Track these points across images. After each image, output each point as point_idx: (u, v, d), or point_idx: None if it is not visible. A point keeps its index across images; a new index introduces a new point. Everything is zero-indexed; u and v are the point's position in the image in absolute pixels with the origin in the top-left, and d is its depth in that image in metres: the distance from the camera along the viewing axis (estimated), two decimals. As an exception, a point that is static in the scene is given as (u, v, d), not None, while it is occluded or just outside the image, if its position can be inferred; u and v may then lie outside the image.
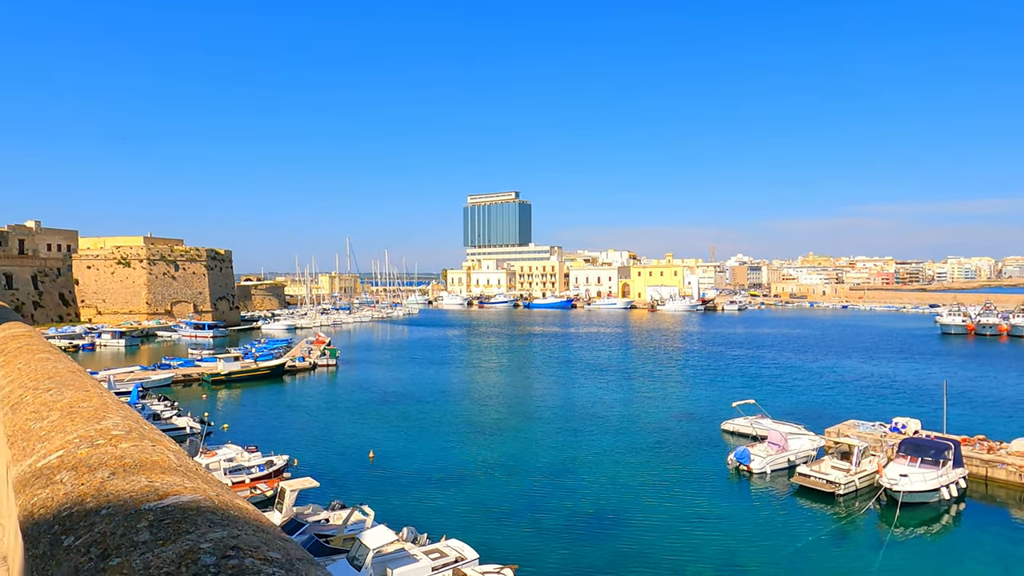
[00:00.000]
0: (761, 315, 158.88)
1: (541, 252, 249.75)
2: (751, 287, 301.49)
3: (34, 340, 6.89)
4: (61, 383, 3.84)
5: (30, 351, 5.70)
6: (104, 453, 2.28)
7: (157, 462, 2.17)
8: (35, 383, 3.96)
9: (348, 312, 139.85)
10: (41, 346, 6.10)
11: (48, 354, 5.30)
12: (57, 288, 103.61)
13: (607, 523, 28.91)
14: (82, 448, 2.38)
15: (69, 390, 3.59)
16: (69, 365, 4.80)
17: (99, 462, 2.18)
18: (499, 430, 44.32)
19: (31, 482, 2.24)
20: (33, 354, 5.33)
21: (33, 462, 2.42)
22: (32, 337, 7.19)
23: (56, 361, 4.79)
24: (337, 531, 23.66)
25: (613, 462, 37.43)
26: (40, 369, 4.38)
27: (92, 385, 3.86)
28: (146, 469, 2.08)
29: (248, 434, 41.73)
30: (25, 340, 6.75)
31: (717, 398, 53.07)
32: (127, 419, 2.89)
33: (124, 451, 2.28)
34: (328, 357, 71.92)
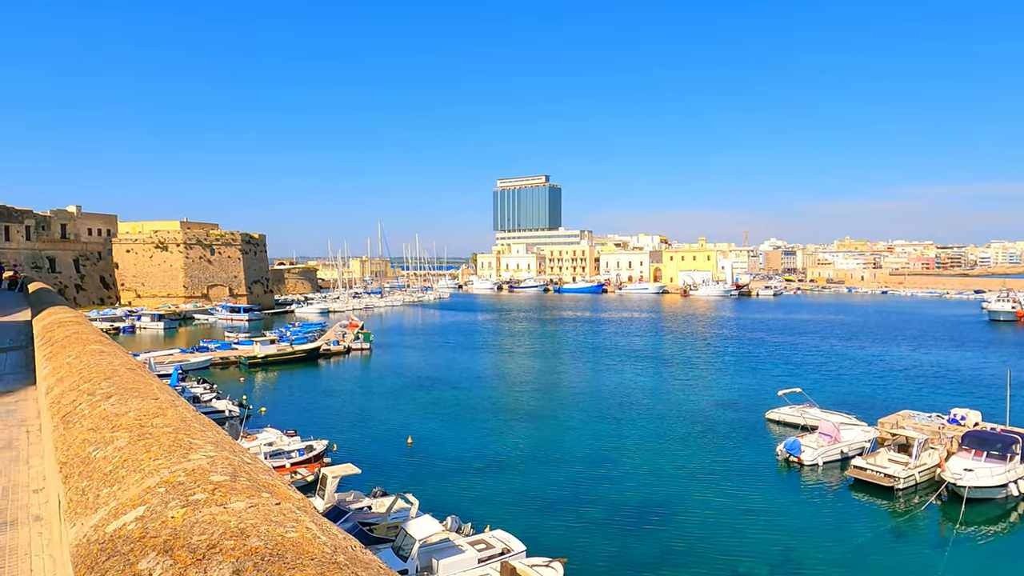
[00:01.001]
0: (798, 300, 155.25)
1: (571, 236, 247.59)
2: (785, 272, 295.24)
3: (83, 327, 6.21)
4: (122, 386, 3.09)
5: (79, 340, 5.00)
6: (210, 520, 1.46)
7: (298, 544, 1.34)
8: (90, 385, 3.22)
9: (380, 296, 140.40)
10: (91, 334, 5.40)
11: (100, 345, 4.59)
12: (98, 271, 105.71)
13: (653, 515, 28.02)
14: (173, 505, 1.57)
15: (134, 397, 2.83)
16: (126, 360, 4.07)
17: (207, 540, 1.36)
18: (536, 417, 43.63)
19: (99, 561, 1.43)
20: (84, 345, 4.63)
21: (101, 522, 1.62)
22: (80, 324, 6.51)
23: (111, 355, 4.06)
24: (380, 519, 23.19)
25: (656, 451, 36.47)
26: (94, 365, 3.66)
27: (160, 389, 3.10)
28: (286, 562, 1.25)
29: (285, 418, 41.72)
30: (73, 327, 6.07)
31: (760, 386, 51.57)
32: (221, 447, 2.09)
33: (240, 516, 1.47)
34: (362, 341, 71.98)
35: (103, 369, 3.53)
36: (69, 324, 6.34)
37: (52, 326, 6.61)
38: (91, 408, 2.73)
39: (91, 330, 5.84)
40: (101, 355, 4.05)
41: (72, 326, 6.13)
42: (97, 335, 5.41)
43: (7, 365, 10.21)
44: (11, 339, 13.93)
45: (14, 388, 7.90)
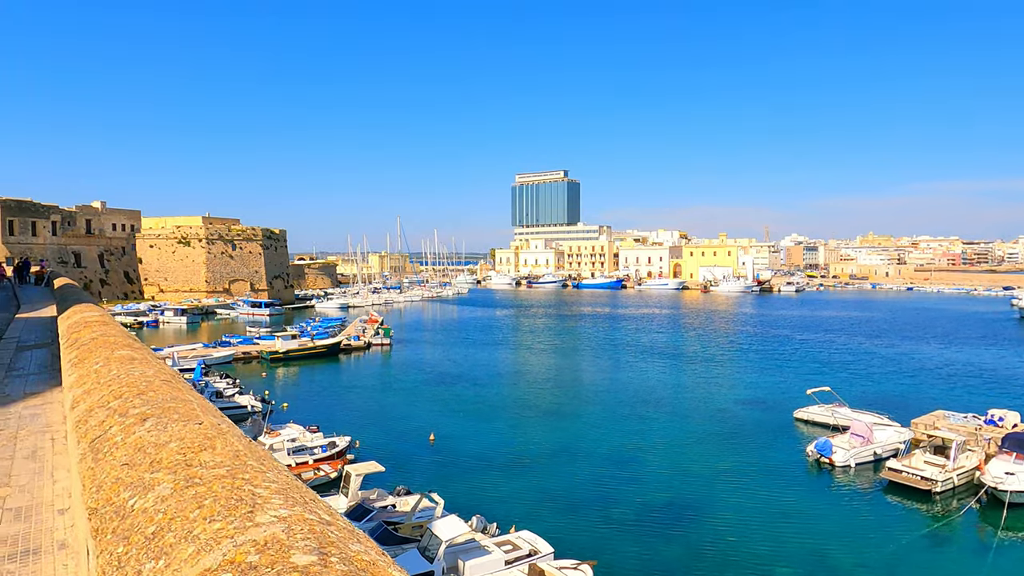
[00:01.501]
0: (821, 297, 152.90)
1: (590, 232, 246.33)
2: (807, 268, 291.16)
3: (110, 328, 5.83)
4: (159, 404, 2.67)
5: (107, 344, 4.61)
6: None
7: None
8: (122, 402, 2.80)
9: (399, 291, 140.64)
10: (120, 337, 5.01)
11: (131, 350, 4.19)
12: (122, 266, 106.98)
13: (681, 516, 27.43)
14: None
15: (174, 421, 2.39)
16: (159, 369, 3.66)
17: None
18: (559, 414, 43.14)
19: None
20: (112, 349, 4.23)
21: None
22: (107, 324, 6.13)
23: (142, 362, 3.64)
24: (405, 519, 22.88)
25: (681, 450, 35.81)
26: (125, 376, 3.25)
27: (202, 409, 2.67)
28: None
29: (307, 413, 41.66)
30: (100, 328, 5.69)
31: (786, 384, 50.59)
32: (291, 498, 1.63)
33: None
34: (382, 336, 71.97)
35: (135, 381, 3.11)
36: (96, 324, 5.97)
37: (78, 326, 6.25)
38: (124, 434, 2.30)
39: (119, 331, 5.45)
40: (132, 363, 3.63)
41: (99, 327, 5.76)
42: (126, 338, 5.01)
43: (32, 364, 9.93)
44: (36, 336, 13.74)
45: (39, 390, 7.57)
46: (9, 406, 6.82)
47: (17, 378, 8.71)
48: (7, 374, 9.20)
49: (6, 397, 7.35)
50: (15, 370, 9.51)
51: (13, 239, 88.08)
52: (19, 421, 6.16)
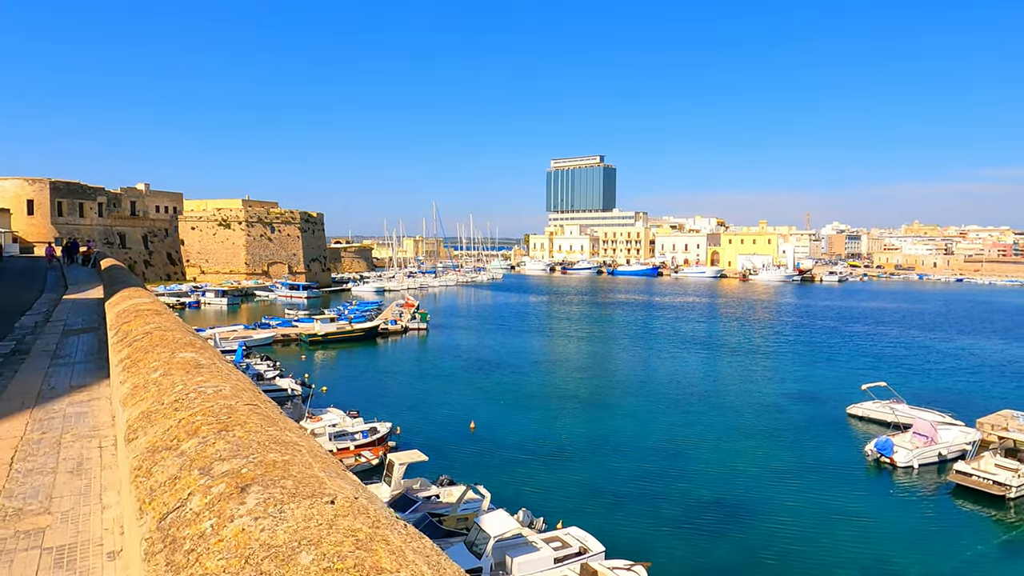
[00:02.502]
0: (866, 288, 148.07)
1: (626, 218, 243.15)
2: (849, 257, 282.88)
3: (166, 319, 5.06)
4: (256, 453, 1.81)
5: (165, 342, 3.81)
6: None
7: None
8: (199, 442, 1.98)
9: (434, 276, 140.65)
10: (179, 331, 4.21)
11: (195, 351, 3.36)
12: (165, 248, 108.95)
13: (733, 516, 26.28)
14: None
15: (291, 496, 1.51)
16: (237, 381, 2.82)
17: None
18: (600, 405, 42.13)
19: None
20: (172, 351, 3.43)
21: None
22: (162, 314, 5.36)
23: (214, 371, 2.78)
24: (450, 510, 22.24)
25: (729, 445, 34.53)
26: (195, 395, 2.43)
27: (314, 455, 1.81)
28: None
29: (346, 397, 41.42)
30: (153, 319, 4.92)
31: (838, 378, 48.65)
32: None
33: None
34: (419, 321, 71.70)
35: (212, 406, 2.28)
36: (148, 314, 5.23)
37: (128, 315, 5.52)
38: (215, 517, 1.45)
39: (176, 323, 4.67)
40: (200, 371, 2.80)
41: (152, 317, 5.00)
42: (185, 333, 4.22)
43: (79, 351, 9.34)
44: (84, 319, 13.30)
45: (86, 382, 6.90)
46: (54, 402, 6.13)
47: (63, 367, 8.09)
48: (52, 362, 8.60)
49: (51, 391, 6.68)
50: (61, 357, 8.92)
51: (62, 220, 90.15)
52: (64, 422, 5.44)
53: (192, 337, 4.00)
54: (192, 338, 3.99)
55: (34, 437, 5.01)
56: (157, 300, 7.38)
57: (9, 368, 8.61)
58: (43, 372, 7.79)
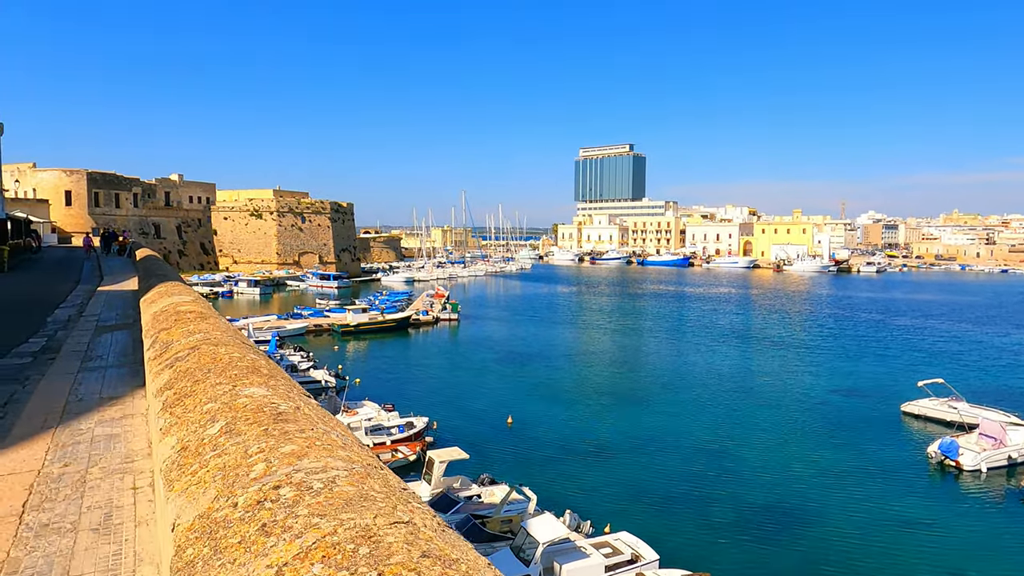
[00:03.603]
0: (906, 278, 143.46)
1: (655, 207, 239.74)
2: (885, 247, 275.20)
3: (213, 325, 4.04)
4: None
5: (219, 362, 2.78)
6: None
7: None
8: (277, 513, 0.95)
9: (463, 266, 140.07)
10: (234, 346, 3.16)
11: (263, 380, 2.28)
12: (198, 238, 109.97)
13: (789, 521, 24.89)
14: None
15: None
16: (350, 442, 1.78)
17: None
18: (640, 401, 40.82)
19: None
20: (234, 380, 2.37)
21: None
22: (207, 319, 4.34)
23: (307, 426, 1.75)
24: (493, 512, 21.29)
25: (779, 444, 33.02)
26: (288, 478, 1.39)
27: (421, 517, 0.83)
28: None
29: (379, 390, 40.77)
30: (199, 325, 3.91)
31: (888, 374, 46.59)
32: None
33: None
34: (450, 311, 70.98)
35: (330, 524, 1.26)
36: (191, 318, 4.24)
37: (166, 318, 4.55)
38: None
39: (227, 332, 3.64)
40: (284, 429, 1.72)
41: (196, 322, 4.00)
42: (244, 349, 3.17)
43: (111, 351, 8.47)
44: (117, 313, 12.54)
45: (118, 393, 5.95)
46: (81, 419, 5.17)
47: (93, 372, 7.19)
48: (82, 364, 7.72)
49: (79, 403, 5.74)
50: (92, 359, 8.05)
51: (98, 210, 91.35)
52: (91, 448, 4.46)
53: (253, 355, 2.97)
54: (254, 356, 2.93)
55: (54, 471, 4.03)
56: (199, 297, 6.41)
57: (37, 370, 7.78)
58: (72, 377, 6.90)
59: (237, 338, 3.52)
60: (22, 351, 9.26)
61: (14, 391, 6.71)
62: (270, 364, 2.87)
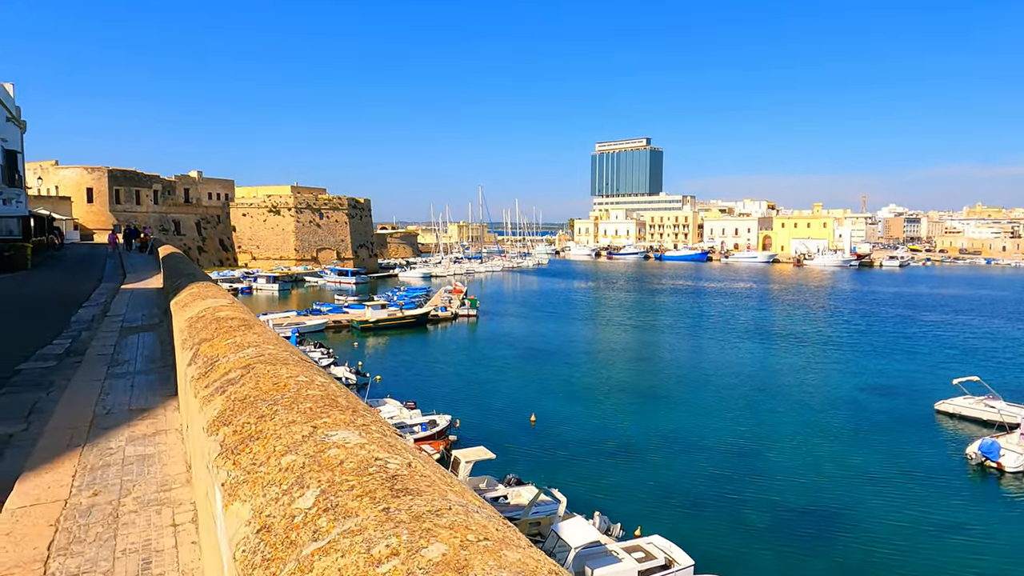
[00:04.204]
0: (930, 273, 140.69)
1: (673, 201, 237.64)
2: (907, 241, 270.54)
3: (262, 335, 3.50)
4: None
5: (283, 387, 2.24)
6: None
7: None
8: None
9: (479, 261, 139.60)
10: (299, 366, 2.61)
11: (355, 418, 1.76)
12: (217, 234, 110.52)
13: (824, 524, 24.14)
14: None
15: None
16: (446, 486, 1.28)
17: None
18: (663, 398, 40.09)
19: None
20: (311, 416, 1.83)
21: None
22: (252, 327, 3.81)
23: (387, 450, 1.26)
24: (522, 514, 20.79)
25: (809, 444, 32.19)
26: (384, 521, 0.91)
27: None
28: None
29: (400, 387, 40.44)
30: (246, 335, 3.38)
31: (920, 372, 45.43)
32: None
33: None
34: (468, 307, 70.54)
35: None
36: (233, 325, 3.70)
37: (205, 326, 4.05)
38: None
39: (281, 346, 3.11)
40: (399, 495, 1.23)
41: (242, 331, 3.48)
42: (305, 365, 2.64)
43: (138, 355, 8.03)
44: (143, 313, 12.17)
45: (149, 404, 5.49)
46: (109, 436, 4.70)
47: (121, 379, 6.74)
48: (109, 370, 7.29)
49: (106, 416, 5.28)
50: (119, 364, 7.62)
51: (119, 207, 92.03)
52: (122, 473, 3.98)
53: (322, 378, 2.38)
54: (323, 380, 2.34)
55: (82, 503, 3.54)
56: (235, 300, 5.92)
57: (62, 375, 7.37)
58: (98, 385, 6.46)
59: (294, 354, 2.99)
60: (46, 353, 8.88)
61: (38, 399, 6.29)
62: (347, 392, 2.33)
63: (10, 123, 39.32)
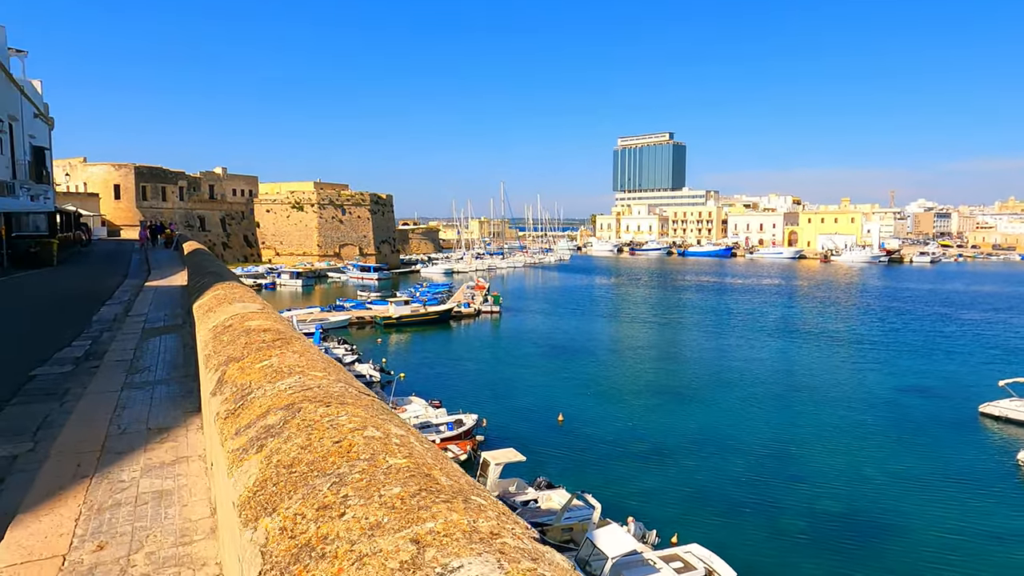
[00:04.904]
0: (963, 269, 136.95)
1: (696, 197, 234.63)
2: (938, 236, 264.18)
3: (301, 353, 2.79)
4: None
5: (345, 441, 1.54)
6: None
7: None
8: None
9: (501, 257, 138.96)
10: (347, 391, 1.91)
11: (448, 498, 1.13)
12: (242, 230, 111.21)
13: (867, 531, 23.07)
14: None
15: None
16: None
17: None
18: (693, 398, 39.05)
19: None
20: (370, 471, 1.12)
21: None
22: (291, 342, 3.09)
23: None
24: (554, 519, 20.08)
25: (846, 446, 31.01)
26: None
27: None
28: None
29: (424, 385, 39.91)
30: (284, 355, 2.68)
31: (961, 372, 43.80)
32: None
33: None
34: (491, 304, 69.91)
35: None
36: (266, 336, 3.02)
37: (232, 335, 3.38)
38: None
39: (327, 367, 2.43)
40: None
41: (279, 347, 2.79)
42: (365, 401, 1.91)
43: (159, 361, 7.43)
44: (166, 312, 11.63)
45: (168, 423, 4.84)
46: (123, 463, 4.04)
47: (139, 390, 6.13)
48: (127, 378, 6.68)
49: (121, 437, 4.63)
50: (138, 370, 7.02)
51: (146, 204, 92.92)
52: (134, 516, 3.30)
53: (398, 428, 1.71)
54: (400, 432, 1.66)
55: (84, 560, 2.87)
56: (266, 304, 5.25)
57: (78, 382, 6.79)
58: (115, 397, 5.85)
59: (350, 385, 2.26)
60: (64, 356, 8.35)
61: (49, 411, 5.71)
62: (441, 457, 1.61)
63: (38, 119, 39.46)
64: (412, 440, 1.70)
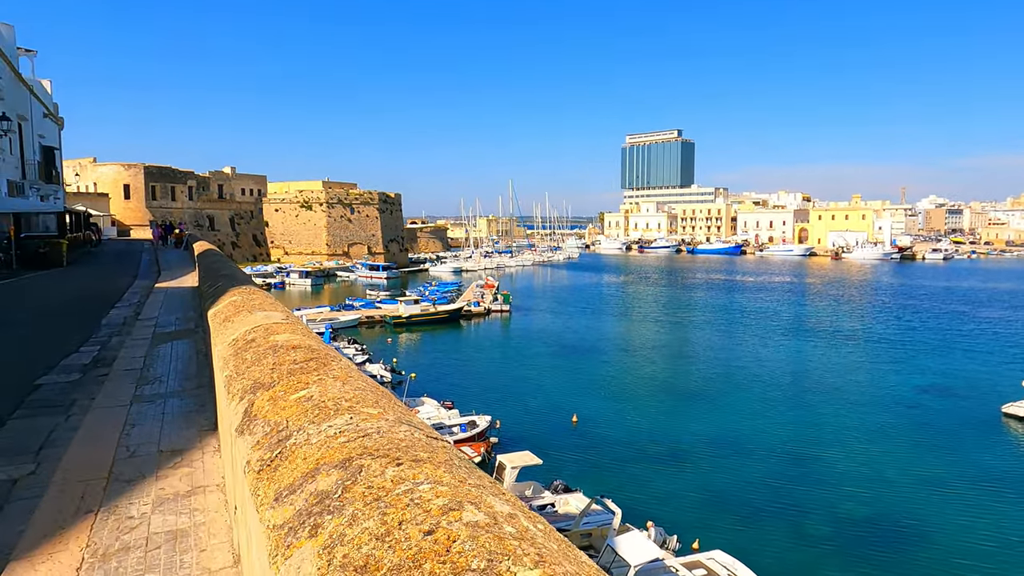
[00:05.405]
0: (976, 266, 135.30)
1: (705, 194, 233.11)
2: (949, 233, 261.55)
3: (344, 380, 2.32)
4: None
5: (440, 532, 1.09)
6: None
7: None
8: None
9: (510, 255, 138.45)
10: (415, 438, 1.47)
11: None
12: (251, 229, 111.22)
13: (893, 536, 22.48)
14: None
15: None
16: None
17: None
18: (709, 398, 38.45)
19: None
20: None
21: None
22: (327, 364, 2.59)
23: None
24: (572, 525, 19.60)
25: (866, 447, 30.38)
26: None
27: None
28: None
29: (436, 385, 39.50)
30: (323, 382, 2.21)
31: (982, 372, 42.96)
32: None
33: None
34: (501, 302, 69.43)
35: None
36: (298, 355, 2.55)
37: (256, 353, 2.93)
38: None
39: (379, 400, 1.98)
40: None
41: (316, 371, 2.31)
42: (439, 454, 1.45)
43: (171, 371, 6.99)
44: (177, 316, 11.22)
45: (182, 443, 4.40)
46: (132, 494, 3.58)
47: (150, 404, 5.69)
48: (137, 390, 6.25)
49: (130, 460, 4.19)
50: (149, 381, 6.59)
51: (155, 203, 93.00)
52: (146, 560, 2.87)
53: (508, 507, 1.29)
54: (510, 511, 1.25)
55: (86, 626, 2.39)
56: (289, 312, 4.80)
57: (85, 393, 6.38)
58: (124, 412, 5.41)
59: (418, 428, 1.79)
60: (71, 364, 7.95)
61: (54, 426, 5.29)
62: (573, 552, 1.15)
63: (47, 119, 39.27)
64: (528, 526, 1.20)
